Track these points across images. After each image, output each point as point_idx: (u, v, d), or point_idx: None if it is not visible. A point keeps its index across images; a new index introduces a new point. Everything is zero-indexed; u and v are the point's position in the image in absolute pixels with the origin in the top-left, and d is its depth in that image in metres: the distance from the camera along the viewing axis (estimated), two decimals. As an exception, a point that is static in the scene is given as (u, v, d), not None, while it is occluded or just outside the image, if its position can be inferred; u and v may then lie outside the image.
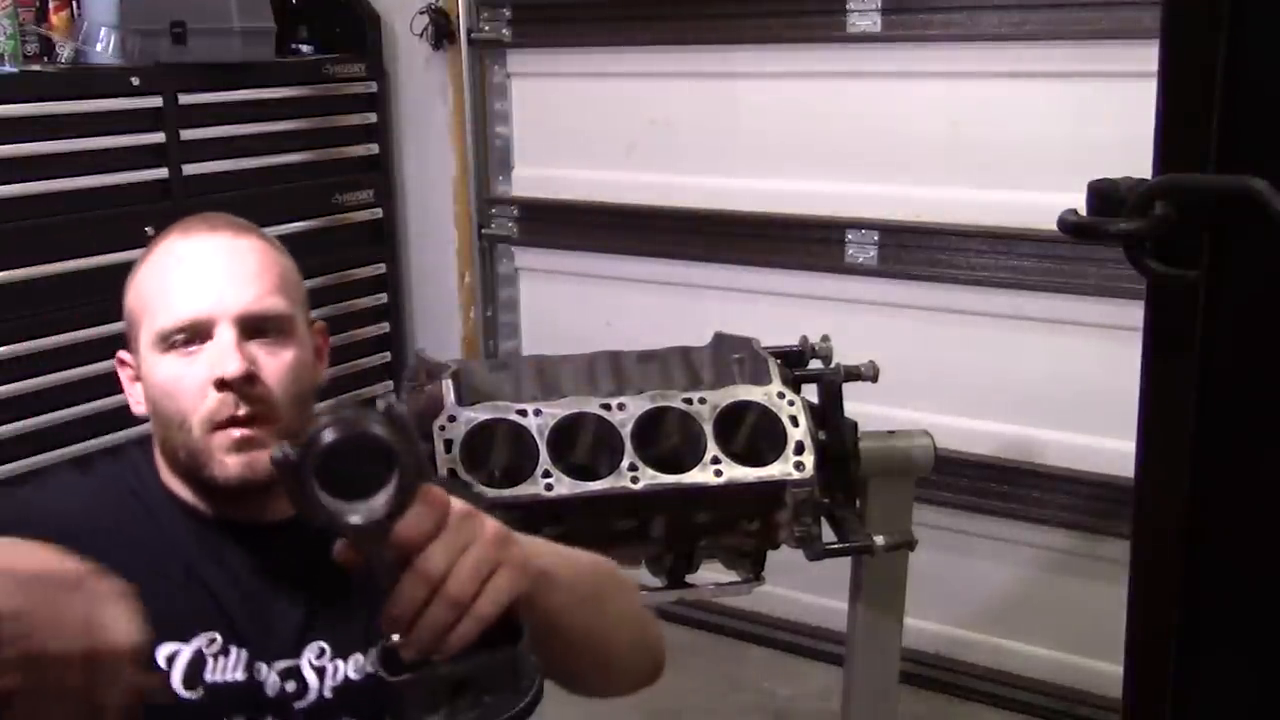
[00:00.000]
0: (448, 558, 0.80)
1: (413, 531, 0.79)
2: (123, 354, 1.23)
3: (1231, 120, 0.75)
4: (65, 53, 2.71)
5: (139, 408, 1.20)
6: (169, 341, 1.14)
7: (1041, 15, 2.44)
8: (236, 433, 1.12)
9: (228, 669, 1.10)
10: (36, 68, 2.67)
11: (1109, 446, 2.43)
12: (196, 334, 1.13)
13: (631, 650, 1.14)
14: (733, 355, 1.92)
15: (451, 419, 1.70)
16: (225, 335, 1.12)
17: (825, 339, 1.99)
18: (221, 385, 1.12)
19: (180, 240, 1.19)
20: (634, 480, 1.70)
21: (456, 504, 0.83)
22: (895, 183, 2.67)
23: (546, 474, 1.69)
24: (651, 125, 2.97)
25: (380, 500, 0.76)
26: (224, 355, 1.12)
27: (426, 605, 0.80)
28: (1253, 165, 0.73)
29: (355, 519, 0.75)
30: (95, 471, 1.22)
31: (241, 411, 1.12)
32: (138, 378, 1.19)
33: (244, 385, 1.12)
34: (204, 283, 1.15)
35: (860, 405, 1.98)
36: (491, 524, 0.86)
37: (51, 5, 2.74)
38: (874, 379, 1.96)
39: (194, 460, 1.13)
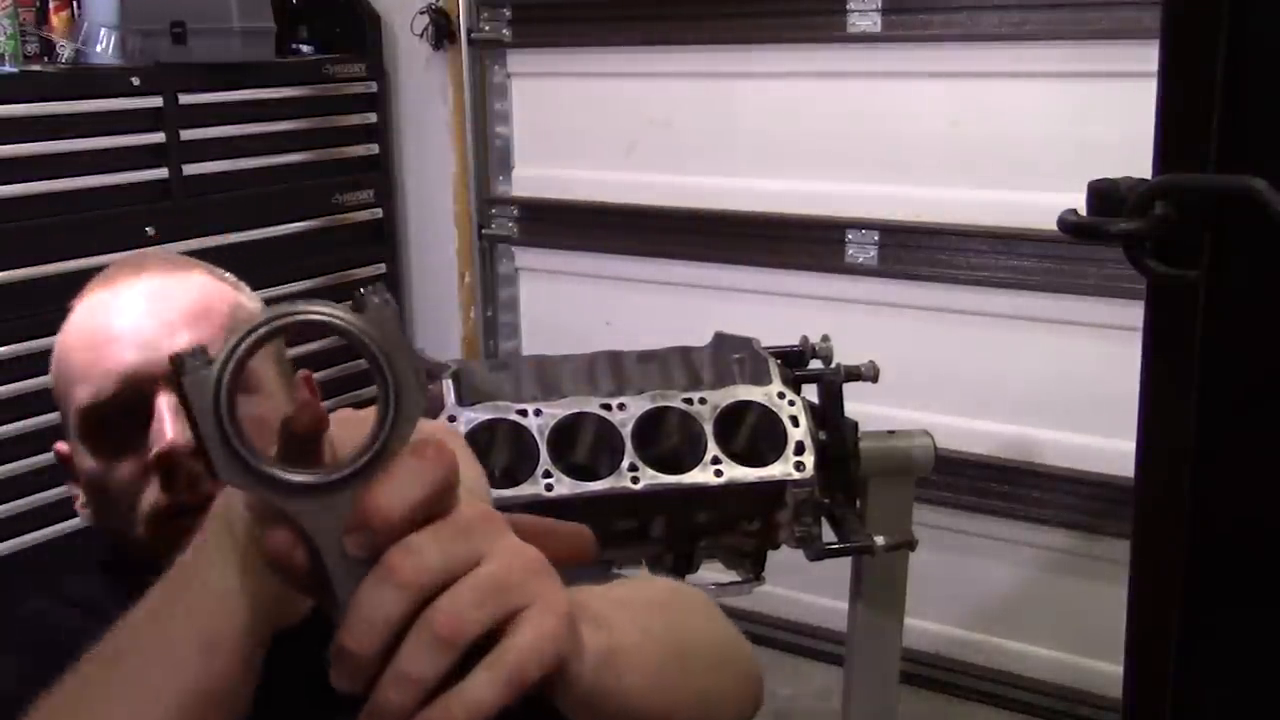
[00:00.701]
0: (441, 558, 0.49)
1: (391, 500, 0.48)
2: (60, 445, 0.99)
3: (1231, 120, 0.75)
4: (65, 53, 2.71)
5: (85, 511, 0.97)
6: (95, 420, 0.91)
7: (1041, 15, 2.44)
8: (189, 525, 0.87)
9: None
10: (37, 68, 2.67)
11: (1109, 446, 2.43)
12: (128, 406, 0.90)
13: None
14: (733, 355, 1.92)
15: (452, 419, 1.70)
16: (164, 399, 0.88)
17: (825, 339, 2.00)
18: (164, 463, 0.88)
19: (101, 292, 0.96)
20: (634, 480, 1.70)
21: (466, 495, 0.53)
22: (895, 183, 2.67)
23: (547, 474, 1.69)
24: (651, 125, 2.97)
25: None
26: (163, 424, 0.88)
27: (393, 634, 0.48)
28: (1253, 165, 0.73)
29: (290, 475, 0.49)
30: (64, 594, 0.95)
31: (193, 498, 0.87)
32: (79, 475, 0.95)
33: (192, 462, 0.87)
34: (130, 336, 0.91)
35: (860, 405, 1.98)
36: (524, 546, 0.54)
37: (52, 5, 2.74)
38: (874, 379, 1.96)
39: (147, 568, 0.84)
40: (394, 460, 0.50)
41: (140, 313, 0.92)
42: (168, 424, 0.88)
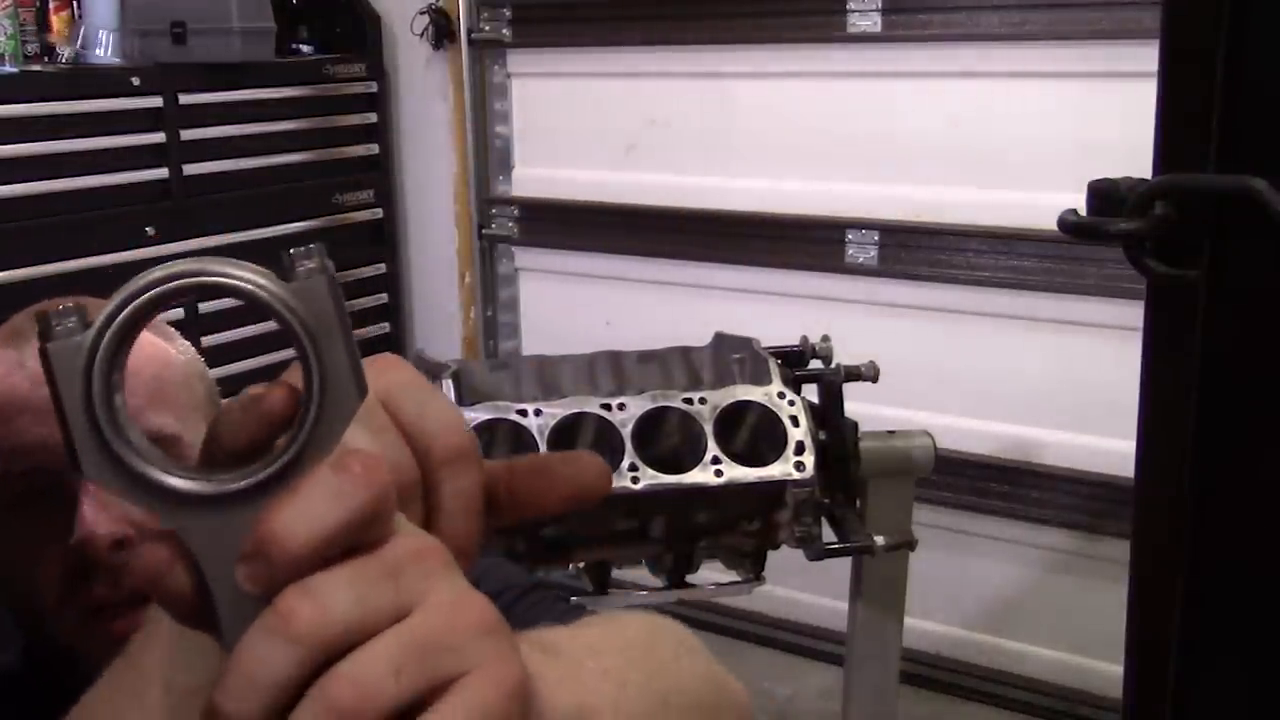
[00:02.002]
0: (352, 606, 0.38)
1: (293, 525, 0.38)
2: None
3: (1231, 120, 0.75)
4: (66, 53, 2.72)
5: None
6: (2, 502, 0.82)
7: (1041, 15, 2.44)
8: (117, 625, 0.77)
9: None
10: (37, 68, 2.67)
11: (1109, 446, 2.42)
12: (40, 487, 0.81)
13: None
14: (733, 355, 1.91)
15: (451, 419, 1.69)
16: (86, 486, 0.79)
17: (825, 339, 1.99)
18: (81, 555, 0.79)
19: (7, 351, 0.84)
20: (634, 480, 1.70)
21: (408, 526, 0.42)
22: (895, 183, 2.67)
23: (546, 474, 1.68)
24: (651, 125, 2.97)
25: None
26: (83, 510, 0.79)
27: (280, 699, 0.38)
28: (1253, 165, 0.73)
29: (178, 480, 0.39)
30: None
31: (113, 594, 0.78)
32: None
33: (115, 555, 0.79)
34: (44, 406, 0.80)
35: (860, 405, 1.98)
36: (471, 594, 0.42)
37: (52, 6, 2.74)
38: (874, 379, 1.96)
39: (62, 668, 0.78)
40: (309, 473, 0.39)
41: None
42: (87, 510, 0.78)
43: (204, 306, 2.69)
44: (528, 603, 0.91)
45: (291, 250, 0.40)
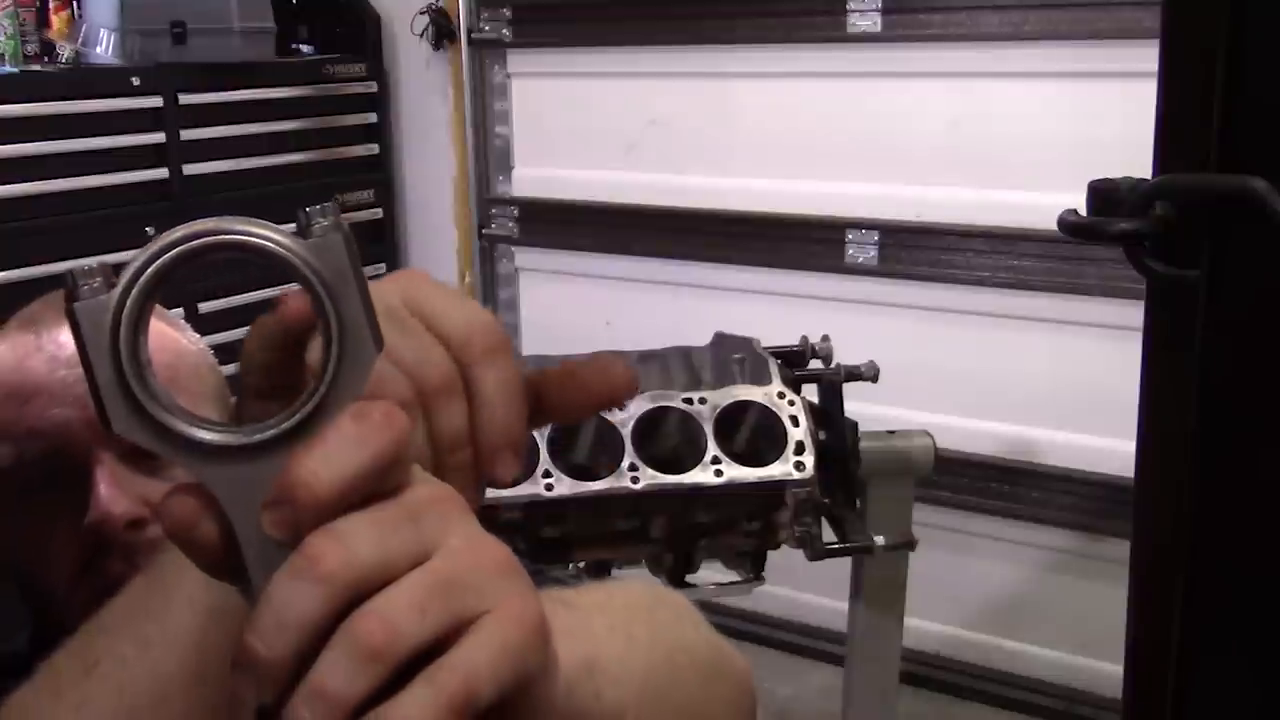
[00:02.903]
0: (376, 549, 0.39)
1: (318, 472, 0.39)
2: None
3: (1231, 120, 0.75)
4: (65, 53, 2.72)
5: None
6: (16, 484, 0.82)
7: (1041, 15, 2.44)
8: None
9: None
10: (37, 68, 2.67)
11: (1109, 446, 2.42)
12: (55, 470, 0.81)
13: None
14: (733, 355, 1.91)
15: (451, 419, 1.69)
16: (101, 466, 0.79)
17: (825, 339, 1.99)
18: (97, 535, 0.79)
19: (24, 335, 0.85)
20: (634, 480, 1.70)
21: (424, 474, 0.43)
22: (895, 183, 2.67)
23: (546, 474, 1.69)
24: (651, 125, 2.97)
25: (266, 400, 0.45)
26: (99, 492, 0.79)
27: (310, 638, 0.38)
28: (1253, 165, 0.73)
29: (204, 432, 0.40)
30: None
31: (130, 574, 0.76)
32: None
33: (130, 535, 0.79)
34: (59, 390, 0.81)
35: (860, 405, 1.98)
36: (486, 538, 0.44)
37: (52, 6, 2.74)
38: (874, 379, 1.96)
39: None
40: (330, 423, 0.40)
41: (71, 361, 0.79)
42: (104, 490, 0.79)
43: (204, 307, 2.69)
44: None
45: (307, 209, 0.41)
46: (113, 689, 0.53)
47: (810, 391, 1.93)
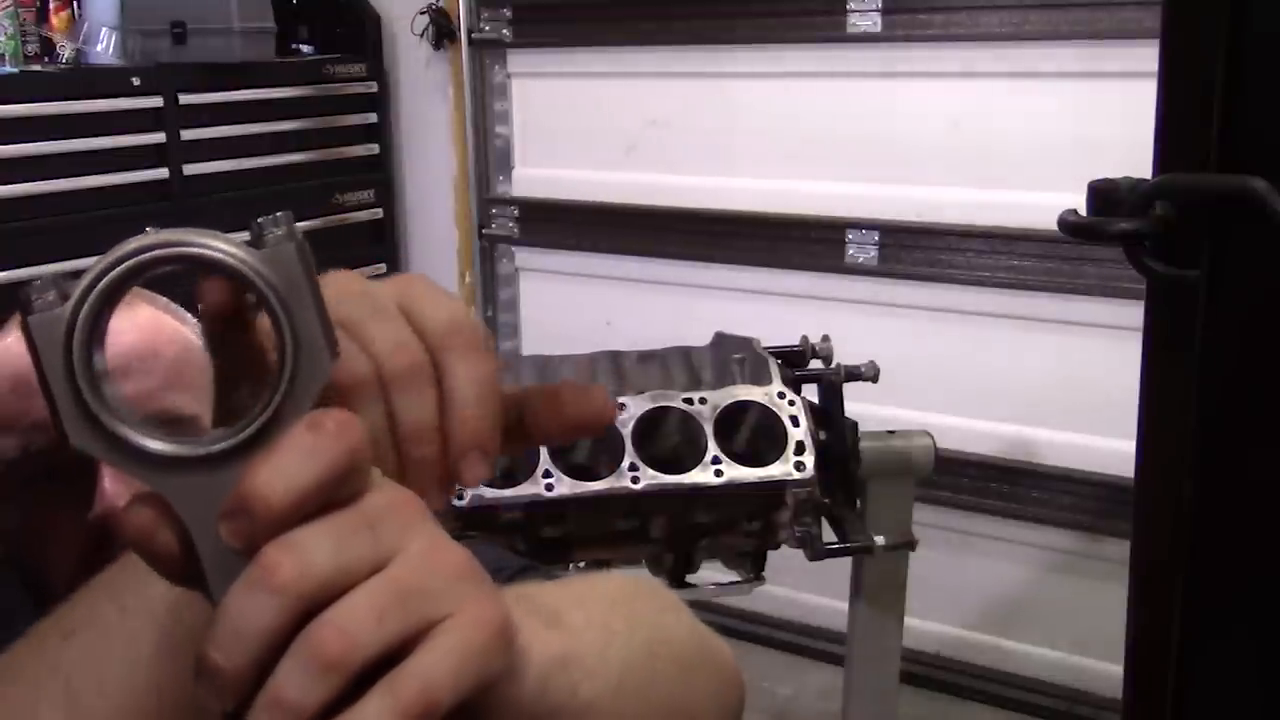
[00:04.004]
0: (332, 558, 0.40)
1: (272, 482, 0.39)
2: None
3: (1231, 120, 0.75)
4: (66, 53, 2.72)
5: None
6: (22, 475, 0.83)
7: (1041, 15, 2.44)
8: None
9: None
10: (37, 68, 2.67)
11: (1109, 446, 2.42)
12: (60, 463, 0.81)
13: None
14: (733, 355, 1.91)
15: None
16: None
17: (825, 339, 1.99)
18: (100, 529, 0.80)
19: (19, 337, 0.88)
20: (634, 480, 1.70)
21: (383, 480, 0.43)
22: (895, 183, 2.67)
23: (546, 474, 1.69)
24: (651, 125, 2.97)
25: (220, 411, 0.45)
26: (105, 486, 0.80)
27: (268, 648, 0.39)
28: (1253, 165, 0.73)
29: (160, 444, 0.40)
30: None
31: None
32: None
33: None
34: None
35: (860, 405, 1.98)
36: (447, 542, 0.43)
37: (52, 5, 2.74)
38: (874, 379, 1.96)
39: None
40: (285, 433, 0.40)
41: None
42: (109, 484, 0.79)
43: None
44: (520, 583, 0.91)
45: (260, 219, 0.41)
46: (88, 656, 0.53)
47: (810, 391, 1.93)
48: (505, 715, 0.46)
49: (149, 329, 0.86)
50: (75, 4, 2.74)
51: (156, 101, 2.69)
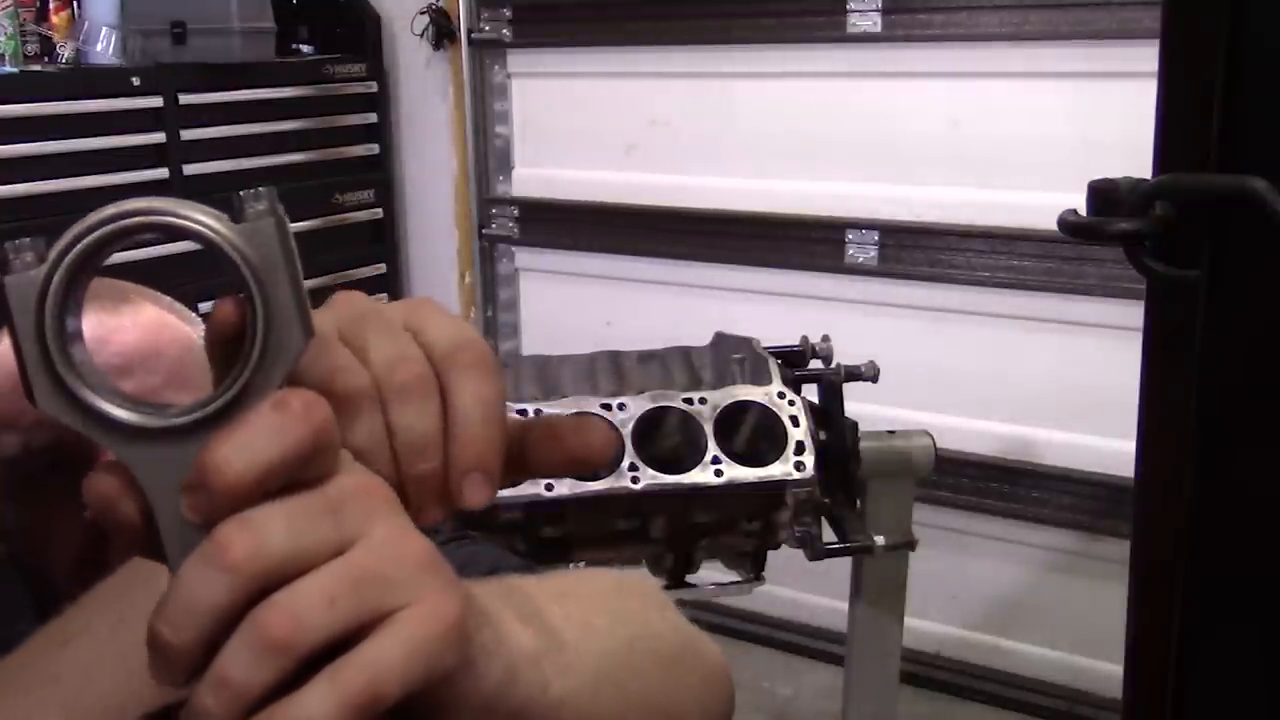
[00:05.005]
0: (287, 539, 0.39)
1: (232, 458, 0.38)
2: None
3: (1231, 120, 0.75)
4: (66, 53, 2.72)
5: None
6: (24, 472, 0.82)
7: (1041, 15, 2.44)
8: None
9: None
10: (37, 68, 2.67)
11: (1109, 446, 2.43)
12: (61, 460, 0.77)
13: None
14: (733, 355, 1.91)
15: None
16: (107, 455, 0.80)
17: (825, 339, 1.99)
18: (101, 527, 0.82)
19: None
20: (634, 480, 1.70)
21: (353, 465, 0.43)
22: (895, 183, 2.67)
23: (546, 474, 1.68)
24: (651, 125, 2.97)
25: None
26: None
27: (217, 625, 0.38)
28: (1253, 165, 0.73)
29: (126, 413, 0.40)
30: None
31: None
32: None
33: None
34: None
35: (860, 405, 1.98)
36: (410, 532, 0.43)
37: (52, 5, 2.74)
38: (874, 379, 1.96)
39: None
40: (250, 409, 0.39)
41: None
42: None
43: (205, 307, 2.69)
44: None
45: (241, 192, 0.41)
46: (83, 663, 0.53)
47: (810, 391, 1.93)
48: (464, 709, 0.45)
49: (152, 328, 0.86)
50: (75, 4, 2.74)
51: (156, 101, 2.69)
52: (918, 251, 2.67)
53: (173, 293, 0.95)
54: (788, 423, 1.76)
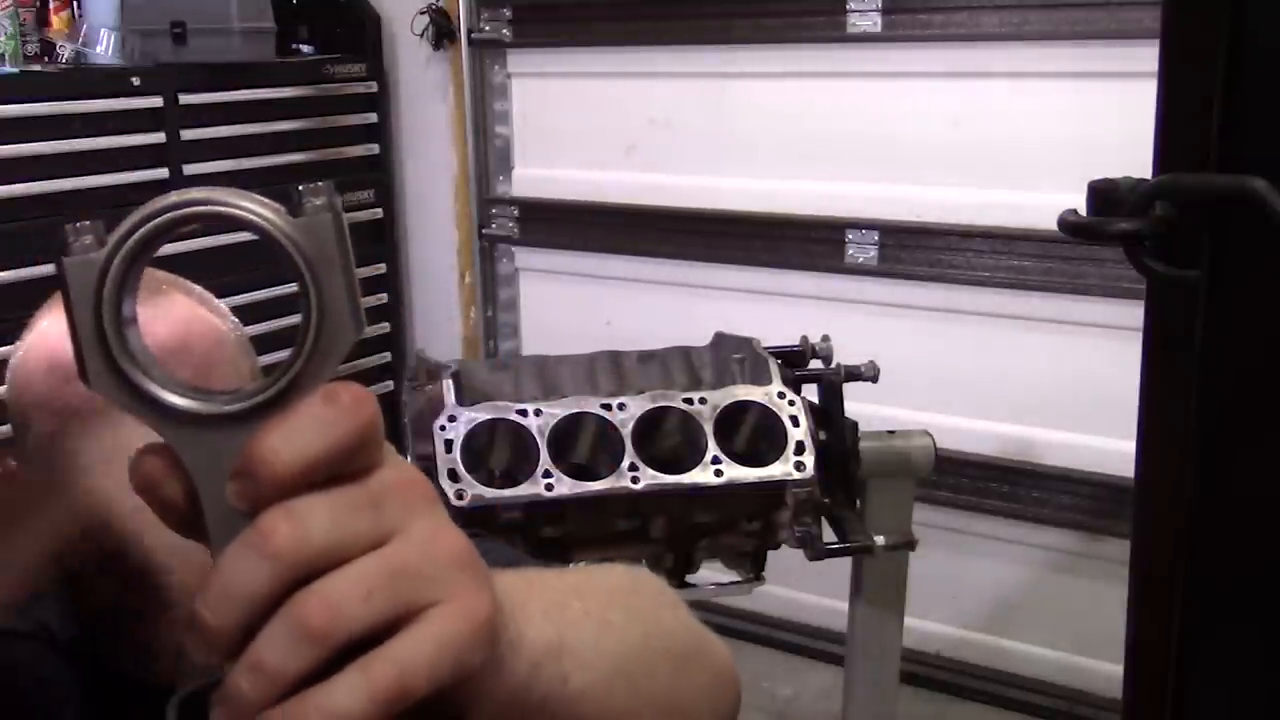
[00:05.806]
0: (330, 530, 0.40)
1: (280, 447, 0.39)
2: (10, 462, 0.89)
3: (1231, 120, 0.75)
4: (65, 53, 2.72)
5: None
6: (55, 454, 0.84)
7: (1041, 15, 2.44)
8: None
9: None
10: (37, 68, 2.67)
11: (1109, 446, 2.42)
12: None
13: None
14: (733, 355, 1.91)
15: (451, 419, 1.70)
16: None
17: (825, 339, 1.99)
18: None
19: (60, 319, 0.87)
20: (634, 480, 1.70)
21: (397, 460, 0.43)
22: (895, 183, 2.67)
23: (547, 474, 1.69)
24: (651, 125, 2.97)
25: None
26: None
27: (256, 611, 0.39)
28: (1253, 165, 0.73)
29: (178, 398, 0.41)
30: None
31: None
32: None
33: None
34: None
35: (860, 405, 1.98)
36: (449, 528, 0.44)
37: (52, 5, 2.74)
38: (874, 379, 1.96)
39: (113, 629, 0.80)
40: (301, 401, 0.40)
41: None
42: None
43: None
44: None
45: (301, 186, 0.42)
46: None
47: (810, 391, 1.93)
48: (489, 703, 0.46)
49: (182, 322, 0.86)
50: (75, 4, 2.74)
51: (156, 101, 2.69)
52: (918, 251, 2.67)
53: (226, 281, 0.95)
54: (788, 423, 1.76)
